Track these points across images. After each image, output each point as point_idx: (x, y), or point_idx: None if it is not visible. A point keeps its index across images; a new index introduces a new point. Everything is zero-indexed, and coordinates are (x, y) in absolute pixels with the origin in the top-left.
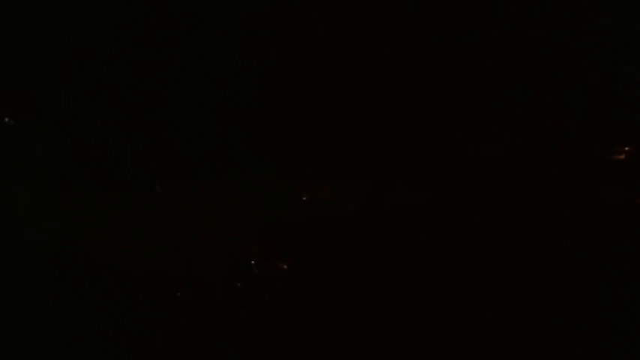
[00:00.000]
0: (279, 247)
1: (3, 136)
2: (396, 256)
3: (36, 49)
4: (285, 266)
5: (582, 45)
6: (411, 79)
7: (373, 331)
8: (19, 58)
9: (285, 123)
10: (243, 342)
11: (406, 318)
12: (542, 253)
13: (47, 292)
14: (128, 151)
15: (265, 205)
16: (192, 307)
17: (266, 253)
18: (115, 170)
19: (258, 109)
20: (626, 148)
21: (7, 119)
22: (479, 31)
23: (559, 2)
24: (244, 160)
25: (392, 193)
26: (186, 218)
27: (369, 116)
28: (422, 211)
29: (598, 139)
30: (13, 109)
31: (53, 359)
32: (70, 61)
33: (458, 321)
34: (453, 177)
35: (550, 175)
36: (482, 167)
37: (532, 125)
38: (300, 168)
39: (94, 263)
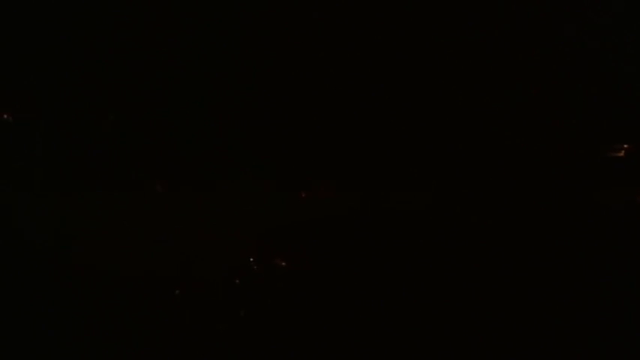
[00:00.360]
0: (277, 245)
1: (1, 136)
2: (396, 256)
3: (36, 49)
4: (283, 263)
5: (582, 45)
6: (410, 79)
7: (373, 330)
8: (19, 58)
9: (284, 122)
10: (243, 340)
11: (406, 317)
12: (543, 253)
13: (46, 292)
14: (127, 150)
15: (264, 204)
16: (192, 306)
17: (265, 251)
18: (114, 170)
19: (257, 108)
20: (626, 146)
21: (6, 116)
22: (478, 30)
23: (559, 2)
24: (243, 158)
25: (392, 191)
26: (186, 217)
27: (369, 115)
28: (422, 211)
29: (598, 139)
30: (13, 109)
31: (53, 359)
32: (70, 61)
33: (458, 321)
34: (452, 177)
35: (550, 174)
36: (483, 167)
37: (532, 125)
38: (300, 166)
39: (93, 263)
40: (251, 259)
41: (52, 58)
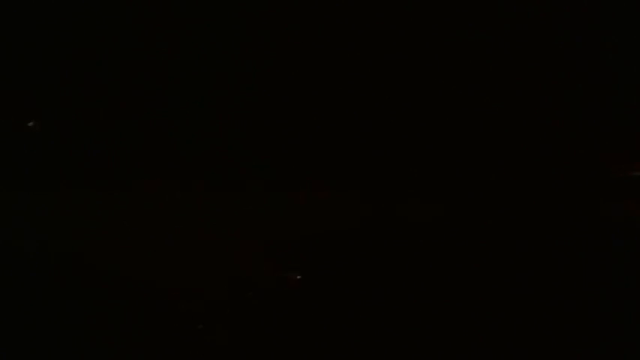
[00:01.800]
0: (283, 256)
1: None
2: (403, 269)
3: (34, 49)
4: (298, 277)
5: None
6: (409, 84)
7: (381, 345)
8: (19, 58)
9: (289, 131)
10: (242, 348)
11: (413, 331)
12: (549, 264)
13: (42, 292)
14: (126, 150)
15: (270, 216)
16: (195, 319)
17: (268, 261)
18: (111, 169)
19: (260, 110)
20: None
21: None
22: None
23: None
24: (245, 167)
25: (400, 203)
26: (186, 220)
27: (375, 123)
28: (431, 222)
29: (601, 151)
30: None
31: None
32: (69, 60)
33: (467, 333)
34: (463, 187)
35: (555, 185)
36: (489, 176)
37: (538, 136)
38: (304, 177)
39: (90, 263)
40: (252, 270)
41: (50, 58)
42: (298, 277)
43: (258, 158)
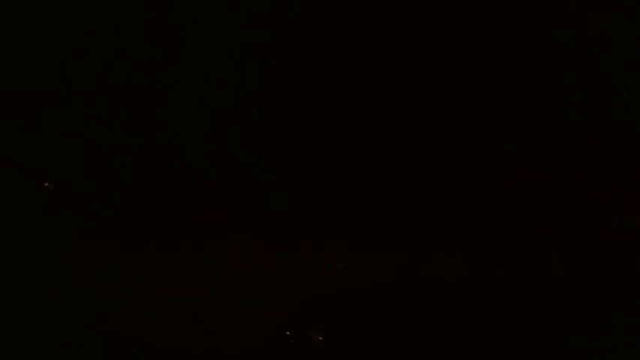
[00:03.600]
0: (313, 318)
1: None
2: (434, 330)
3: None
4: (320, 338)
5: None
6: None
7: None
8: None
9: (321, 189)
10: None
11: None
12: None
13: None
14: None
15: (299, 274)
16: None
17: (300, 324)
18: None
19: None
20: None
21: None
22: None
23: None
24: (277, 225)
25: (430, 262)
26: (214, 284)
27: (409, 181)
28: (459, 283)
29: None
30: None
31: None
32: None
33: None
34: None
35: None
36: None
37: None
38: (336, 236)
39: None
40: (285, 331)
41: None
42: (320, 337)
43: (285, 216)
